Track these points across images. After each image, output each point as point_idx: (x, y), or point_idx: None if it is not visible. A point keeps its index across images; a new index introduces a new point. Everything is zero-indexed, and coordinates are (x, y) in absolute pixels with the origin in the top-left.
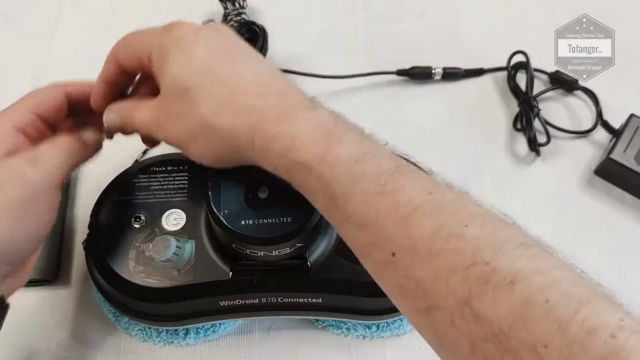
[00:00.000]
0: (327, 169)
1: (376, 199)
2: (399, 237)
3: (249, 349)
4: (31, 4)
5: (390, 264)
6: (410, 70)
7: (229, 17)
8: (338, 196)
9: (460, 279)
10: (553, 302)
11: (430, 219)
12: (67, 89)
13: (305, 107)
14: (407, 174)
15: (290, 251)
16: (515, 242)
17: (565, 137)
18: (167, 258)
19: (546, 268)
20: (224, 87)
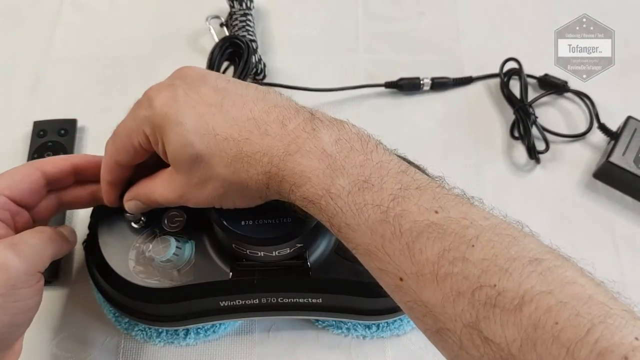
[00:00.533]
0: (331, 201)
1: (381, 227)
2: (405, 264)
3: (249, 349)
4: (31, 4)
5: (399, 288)
6: (398, 82)
7: (234, 17)
8: (343, 227)
9: (467, 303)
10: (562, 324)
11: (435, 243)
12: (74, 160)
13: (306, 134)
14: (410, 195)
15: (290, 251)
16: (525, 259)
17: (562, 141)
18: (167, 258)
19: (558, 284)
20: (228, 143)
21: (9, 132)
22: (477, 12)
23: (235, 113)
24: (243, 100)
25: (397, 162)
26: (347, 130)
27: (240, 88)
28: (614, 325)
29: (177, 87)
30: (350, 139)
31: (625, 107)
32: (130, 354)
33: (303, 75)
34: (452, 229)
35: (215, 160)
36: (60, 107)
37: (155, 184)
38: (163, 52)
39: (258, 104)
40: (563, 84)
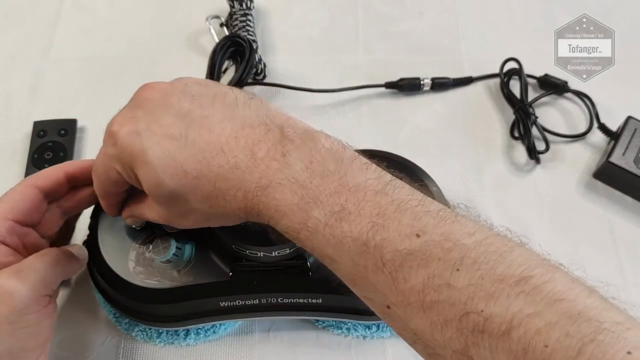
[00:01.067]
0: (310, 235)
1: (362, 259)
2: (390, 293)
3: (249, 349)
4: (31, 4)
5: (387, 315)
6: (398, 82)
7: (234, 17)
8: (326, 259)
9: (455, 330)
10: (552, 346)
11: (419, 271)
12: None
13: (277, 163)
14: (390, 221)
15: (290, 252)
16: (512, 278)
17: (562, 141)
18: (167, 259)
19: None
20: (200, 180)
21: (9, 132)
22: (477, 12)
23: (202, 144)
24: (209, 125)
25: (375, 179)
26: (319, 149)
27: (205, 107)
28: (605, 342)
29: (138, 120)
30: (323, 160)
31: (625, 107)
32: (131, 354)
33: (303, 75)
34: (435, 254)
35: (190, 197)
36: (60, 107)
37: (145, 208)
38: (163, 52)
39: (225, 128)
40: (563, 84)
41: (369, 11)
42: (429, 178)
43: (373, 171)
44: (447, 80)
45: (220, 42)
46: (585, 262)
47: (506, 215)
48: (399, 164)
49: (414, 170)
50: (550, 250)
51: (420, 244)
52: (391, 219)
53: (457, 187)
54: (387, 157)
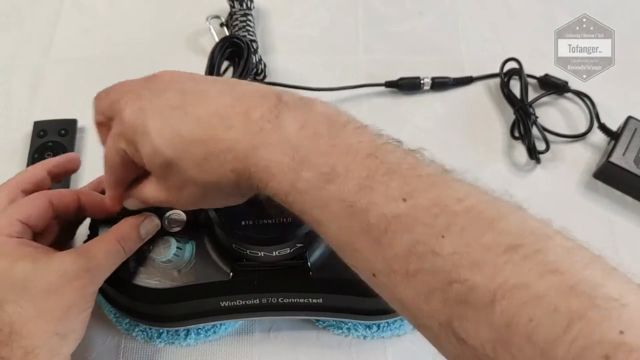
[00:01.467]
0: (299, 197)
1: (348, 222)
2: (375, 260)
3: (250, 349)
4: (31, 4)
5: (373, 283)
6: (398, 81)
7: (234, 17)
8: (313, 222)
9: (440, 300)
10: (537, 321)
11: (404, 236)
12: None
13: (270, 124)
14: (377, 184)
15: (291, 251)
16: (500, 247)
17: (562, 141)
18: (167, 259)
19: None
20: (194, 144)
21: (10, 132)
22: (477, 12)
23: (199, 111)
24: (207, 97)
25: (367, 142)
26: (314, 112)
27: (205, 84)
28: (594, 320)
29: (142, 97)
30: (317, 122)
31: (625, 107)
32: (131, 354)
33: (303, 75)
34: (420, 219)
35: (184, 164)
36: (60, 107)
37: (146, 189)
38: (163, 52)
39: (223, 98)
40: (563, 84)
41: (369, 11)
42: None
43: (366, 134)
44: (448, 80)
45: (218, 42)
46: None
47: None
48: None
49: None
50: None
51: (406, 208)
52: (379, 182)
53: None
54: None
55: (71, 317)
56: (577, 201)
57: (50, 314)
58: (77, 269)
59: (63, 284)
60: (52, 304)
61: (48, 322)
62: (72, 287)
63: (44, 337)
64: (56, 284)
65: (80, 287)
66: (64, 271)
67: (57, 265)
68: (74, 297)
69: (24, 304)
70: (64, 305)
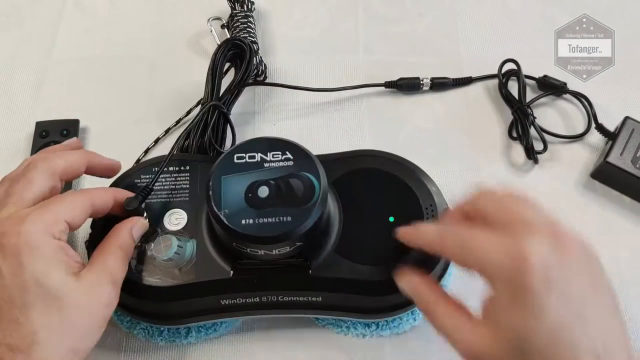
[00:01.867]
0: None
1: None
2: None
3: (250, 347)
4: (32, 4)
5: None
6: (397, 81)
7: (235, 18)
8: None
9: None
10: None
11: None
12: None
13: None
14: None
15: (290, 250)
16: None
17: (560, 141)
18: (168, 257)
19: None
20: None
21: (11, 132)
22: (476, 13)
23: (593, 325)
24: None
25: None
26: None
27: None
28: None
29: None
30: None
31: (623, 107)
32: (132, 352)
33: (303, 76)
34: None
35: None
36: (62, 107)
37: None
38: (165, 53)
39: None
40: (562, 85)
41: (368, 12)
42: (427, 178)
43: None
44: (447, 80)
45: (221, 44)
46: None
47: None
48: (398, 164)
49: (413, 170)
50: None
51: None
52: None
53: (455, 187)
54: (386, 157)
55: (92, 335)
56: (574, 201)
57: (74, 331)
58: (104, 286)
59: (92, 301)
60: (78, 321)
61: (70, 338)
62: (100, 305)
63: (62, 353)
64: (85, 302)
65: (107, 304)
66: (94, 289)
67: (88, 282)
68: (100, 315)
69: (52, 315)
70: (89, 323)
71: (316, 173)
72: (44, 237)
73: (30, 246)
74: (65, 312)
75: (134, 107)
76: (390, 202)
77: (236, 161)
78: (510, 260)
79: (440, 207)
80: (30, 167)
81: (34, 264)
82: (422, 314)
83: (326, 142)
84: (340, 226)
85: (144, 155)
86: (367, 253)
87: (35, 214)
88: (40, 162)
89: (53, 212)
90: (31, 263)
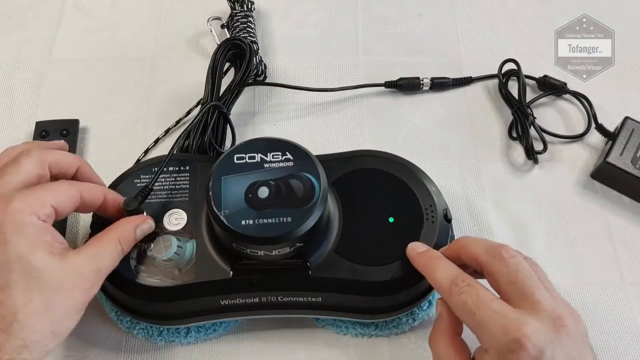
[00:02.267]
0: None
1: None
2: None
3: (249, 347)
4: (33, 5)
5: None
6: (398, 81)
7: (235, 18)
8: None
9: None
10: None
11: None
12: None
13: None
14: None
15: (290, 250)
16: None
17: (560, 141)
18: (168, 257)
19: None
20: None
21: (12, 132)
22: (476, 13)
23: None
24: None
25: None
26: None
27: None
28: None
29: None
30: None
31: (622, 107)
32: (132, 352)
33: (303, 76)
34: None
35: None
36: (62, 107)
37: None
38: (164, 53)
39: None
40: (562, 85)
41: (368, 12)
42: (427, 178)
43: None
44: (447, 80)
45: (220, 44)
46: (582, 261)
47: (504, 215)
48: (398, 164)
49: (412, 170)
50: (548, 249)
51: None
52: None
53: (455, 187)
54: (386, 157)
55: (71, 318)
56: (574, 201)
57: (55, 311)
58: (88, 272)
59: (74, 284)
60: (59, 302)
61: (50, 320)
62: (81, 289)
63: (42, 334)
64: (67, 284)
65: (88, 288)
66: (77, 272)
67: (71, 265)
68: (80, 299)
69: (33, 295)
70: (70, 305)
71: (316, 173)
72: (29, 216)
73: (15, 224)
74: (46, 293)
75: (134, 107)
76: (390, 202)
77: (236, 161)
78: (507, 338)
79: (440, 207)
80: (23, 154)
81: (18, 241)
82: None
83: (326, 142)
84: (340, 226)
85: (144, 155)
86: (366, 253)
87: (23, 195)
88: (33, 151)
89: (40, 195)
90: (15, 241)
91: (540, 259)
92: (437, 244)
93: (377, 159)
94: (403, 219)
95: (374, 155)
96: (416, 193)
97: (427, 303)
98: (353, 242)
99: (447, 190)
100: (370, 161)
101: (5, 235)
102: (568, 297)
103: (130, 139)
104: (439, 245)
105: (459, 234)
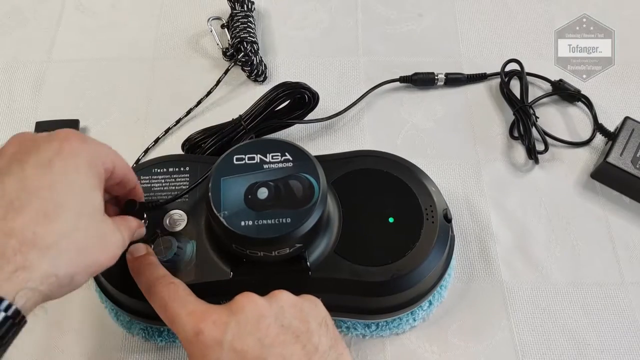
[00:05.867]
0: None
1: None
2: None
3: None
4: (33, 5)
5: None
6: (412, 76)
7: (235, 18)
8: None
9: None
10: None
11: None
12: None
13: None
14: None
15: (290, 251)
16: None
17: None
18: (168, 258)
19: None
20: None
21: (12, 132)
22: (476, 13)
23: None
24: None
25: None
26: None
27: (287, 345)
28: None
29: (228, 328)
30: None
31: (622, 107)
32: (132, 353)
33: (303, 76)
34: None
35: None
36: (62, 107)
37: None
38: (164, 54)
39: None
40: (576, 92)
41: (368, 13)
42: (427, 178)
43: None
44: (461, 76)
45: (281, 85)
46: (583, 261)
47: (505, 215)
48: (398, 164)
49: (412, 170)
50: (548, 249)
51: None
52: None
53: (455, 187)
54: (386, 157)
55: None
56: (574, 201)
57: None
58: (122, 234)
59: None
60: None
61: (81, 261)
62: (114, 244)
63: (72, 266)
64: (103, 233)
65: (120, 246)
66: (114, 226)
67: (110, 221)
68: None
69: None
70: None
71: (315, 174)
72: (95, 159)
73: (88, 162)
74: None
75: (134, 107)
76: (390, 202)
77: (235, 162)
78: None
79: (440, 207)
80: None
81: (82, 178)
82: None
83: (326, 142)
84: (340, 227)
85: (144, 155)
86: (366, 254)
87: (98, 142)
88: None
89: (111, 151)
90: (82, 174)
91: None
92: (437, 244)
93: (377, 159)
94: (403, 219)
95: (373, 156)
96: (416, 193)
97: (427, 303)
98: (353, 243)
99: (447, 190)
100: (370, 161)
101: (71, 144)
102: (568, 297)
103: (130, 139)
104: (439, 245)
105: (459, 234)
